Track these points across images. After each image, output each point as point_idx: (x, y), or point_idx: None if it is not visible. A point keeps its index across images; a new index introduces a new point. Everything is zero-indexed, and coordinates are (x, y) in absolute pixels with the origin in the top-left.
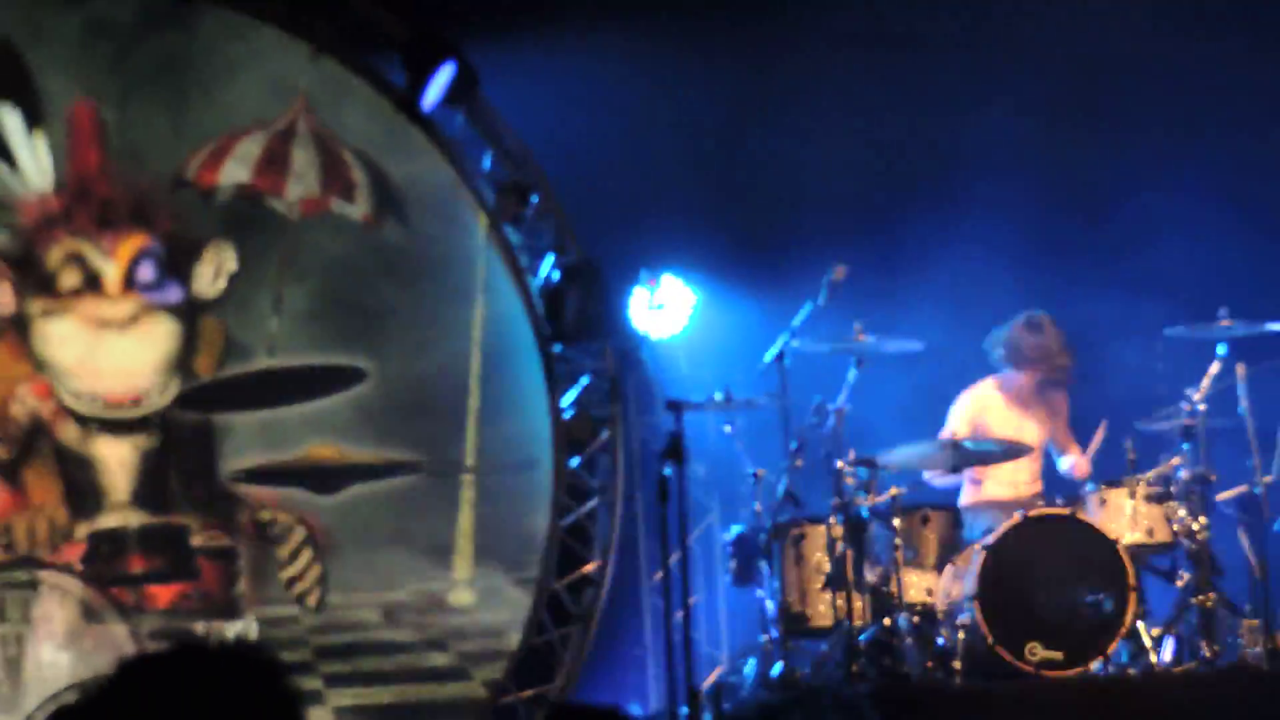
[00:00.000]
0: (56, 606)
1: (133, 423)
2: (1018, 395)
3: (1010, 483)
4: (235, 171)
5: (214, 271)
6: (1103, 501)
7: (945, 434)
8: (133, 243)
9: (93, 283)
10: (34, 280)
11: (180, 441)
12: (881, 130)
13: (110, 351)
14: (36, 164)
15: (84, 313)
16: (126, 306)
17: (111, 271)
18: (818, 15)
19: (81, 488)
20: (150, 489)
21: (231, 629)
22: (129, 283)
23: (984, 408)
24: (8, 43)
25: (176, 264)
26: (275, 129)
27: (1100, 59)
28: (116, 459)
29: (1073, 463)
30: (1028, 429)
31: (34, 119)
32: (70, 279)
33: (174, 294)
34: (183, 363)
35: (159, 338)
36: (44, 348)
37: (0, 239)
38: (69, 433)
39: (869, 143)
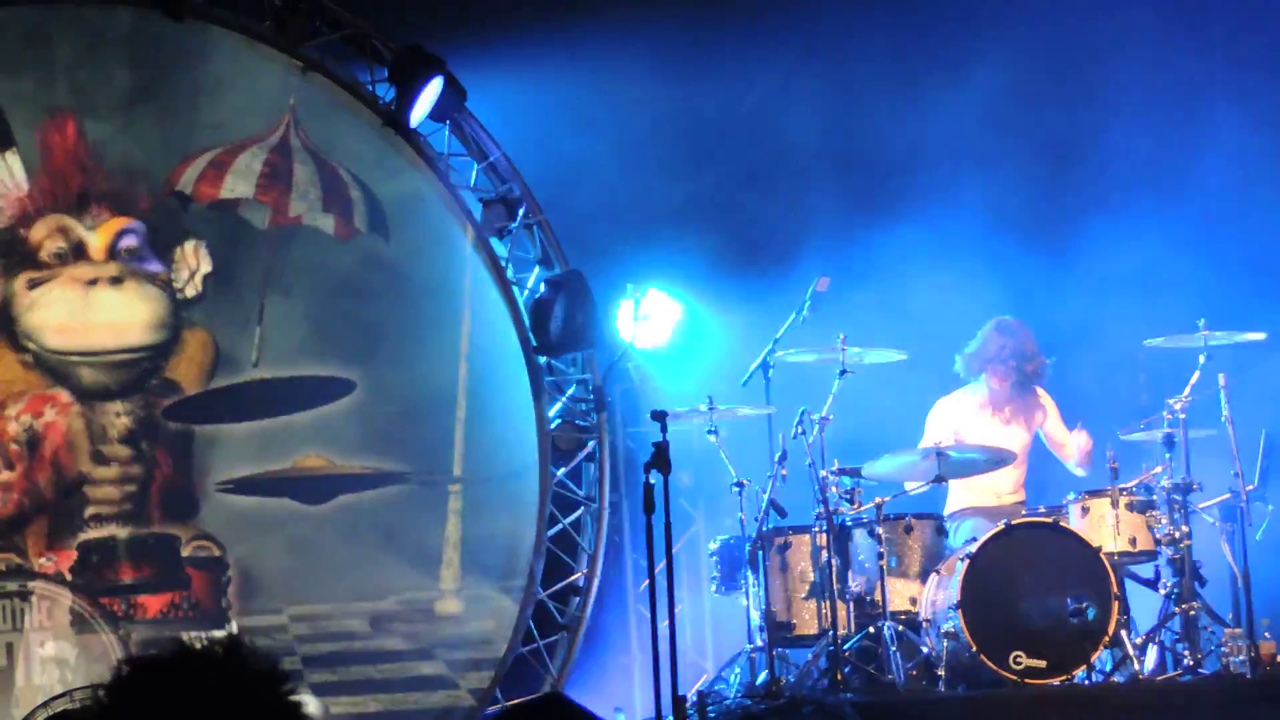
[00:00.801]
0: (47, 616)
1: (121, 382)
2: (994, 402)
3: (993, 491)
4: (238, 187)
5: (190, 269)
6: (1085, 510)
7: (924, 444)
8: (116, 221)
9: (77, 250)
10: (17, 258)
11: (169, 452)
12: (863, 142)
13: (100, 305)
14: (12, 178)
15: (71, 275)
16: (112, 268)
17: (95, 240)
18: (797, 27)
19: (72, 501)
20: (139, 500)
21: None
22: (112, 252)
23: (960, 415)
24: None
25: (155, 245)
26: (268, 143)
27: (1082, 62)
28: (103, 475)
29: (1077, 445)
30: (1009, 435)
31: (3, 142)
32: (54, 246)
33: (155, 265)
34: (173, 331)
35: (146, 298)
36: (30, 314)
37: None
38: (56, 446)
39: (851, 154)
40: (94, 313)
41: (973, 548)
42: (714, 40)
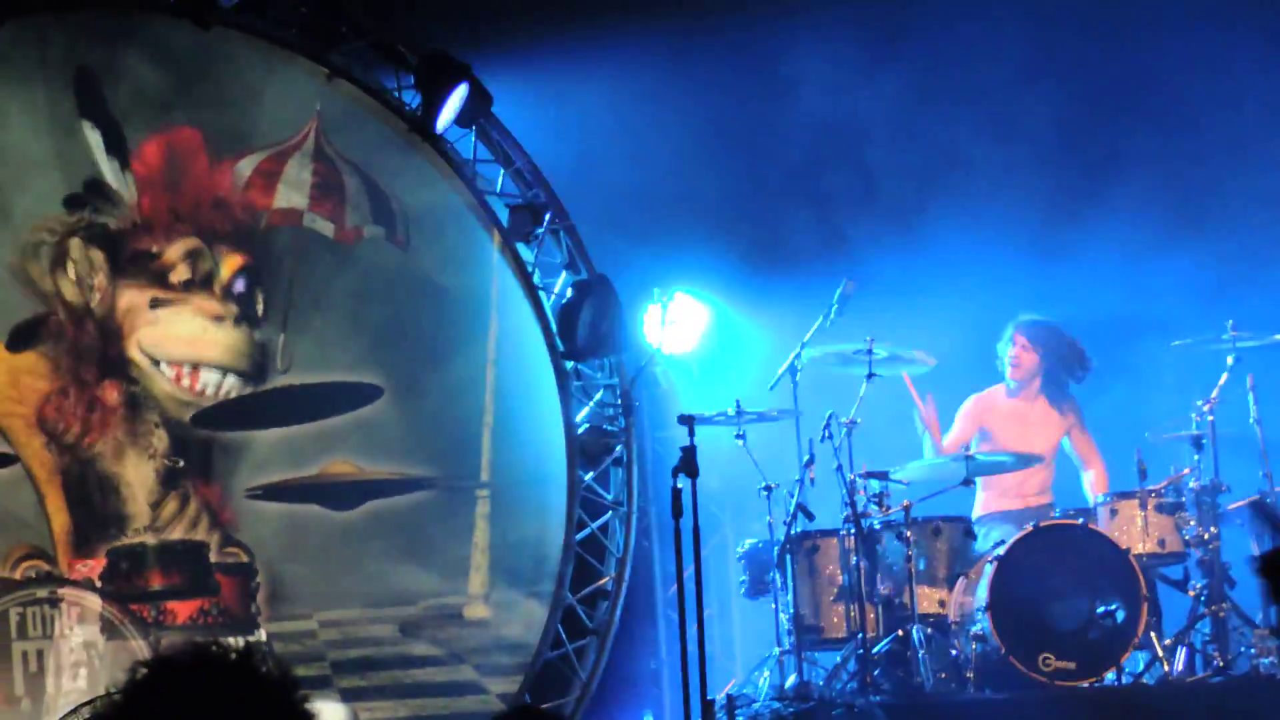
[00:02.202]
0: (77, 622)
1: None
2: (1023, 401)
3: (1020, 494)
4: (291, 196)
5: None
6: (1114, 512)
7: (951, 435)
8: (235, 260)
9: (204, 284)
10: (142, 272)
11: (198, 459)
12: (891, 145)
13: (223, 336)
14: (122, 179)
15: (198, 305)
16: (233, 308)
17: (222, 274)
18: (826, 30)
19: (103, 507)
20: (169, 507)
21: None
22: (227, 293)
23: (988, 411)
24: (88, 70)
25: (259, 285)
26: (299, 150)
27: (1113, 65)
28: (140, 482)
29: (1092, 481)
30: (1034, 436)
31: (113, 145)
32: (184, 274)
33: (252, 310)
34: (260, 369)
35: (240, 343)
36: (151, 330)
37: (103, 230)
38: (103, 447)
39: (879, 157)
40: (219, 336)
41: (1001, 550)
42: (741, 43)
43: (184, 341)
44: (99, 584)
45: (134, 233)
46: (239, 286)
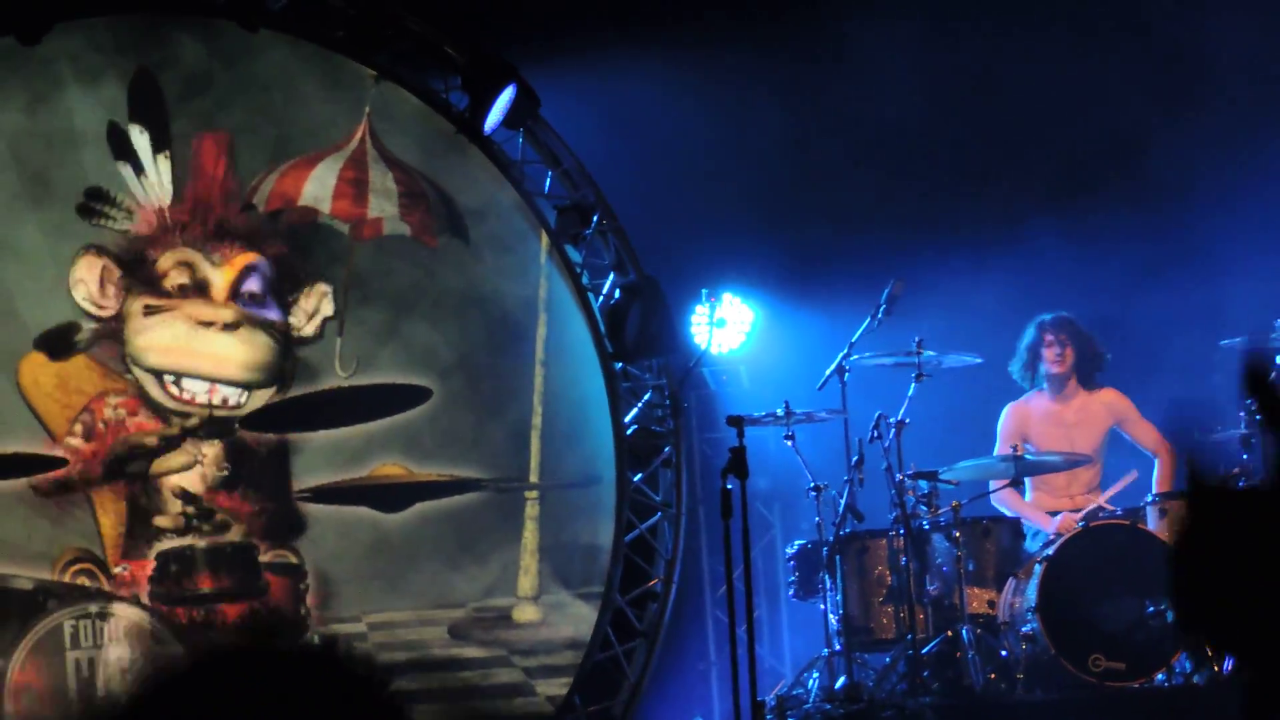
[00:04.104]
0: (127, 628)
1: (210, 426)
2: (1059, 401)
3: (1067, 493)
4: (315, 193)
5: (311, 311)
6: (1163, 512)
7: (998, 452)
8: (243, 258)
9: (200, 288)
10: (141, 279)
11: (249, 460)
12: (939, 142)
13: (205, 344)
14: (159, 181)
15: (187, 311)
16: (229, 313)
17: (219, 280)
18: (874, 30)
19: (148, 510)
20: (218, 509)
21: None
22: (234, 294)
23: (1026, 418)
24: (147, 71)
25: (280, 289)
26: (345, 152)
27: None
28: (186, 481)
29: (1158, 471)
30: (1076, 436)
31: (161, 144)
32: (177, 280)
33: (274, 313)
34: (275, 377)
35: (256, 344)
36: (138, 338)
37: (116, 240)
38: (147, 452)
39: (926, 157)
40: (198, 349)
41: (1051, 550)
42: (790, 43)
43: (163, 349)
44: (149, 587)
45: (144, 240)
46: (250, 287)
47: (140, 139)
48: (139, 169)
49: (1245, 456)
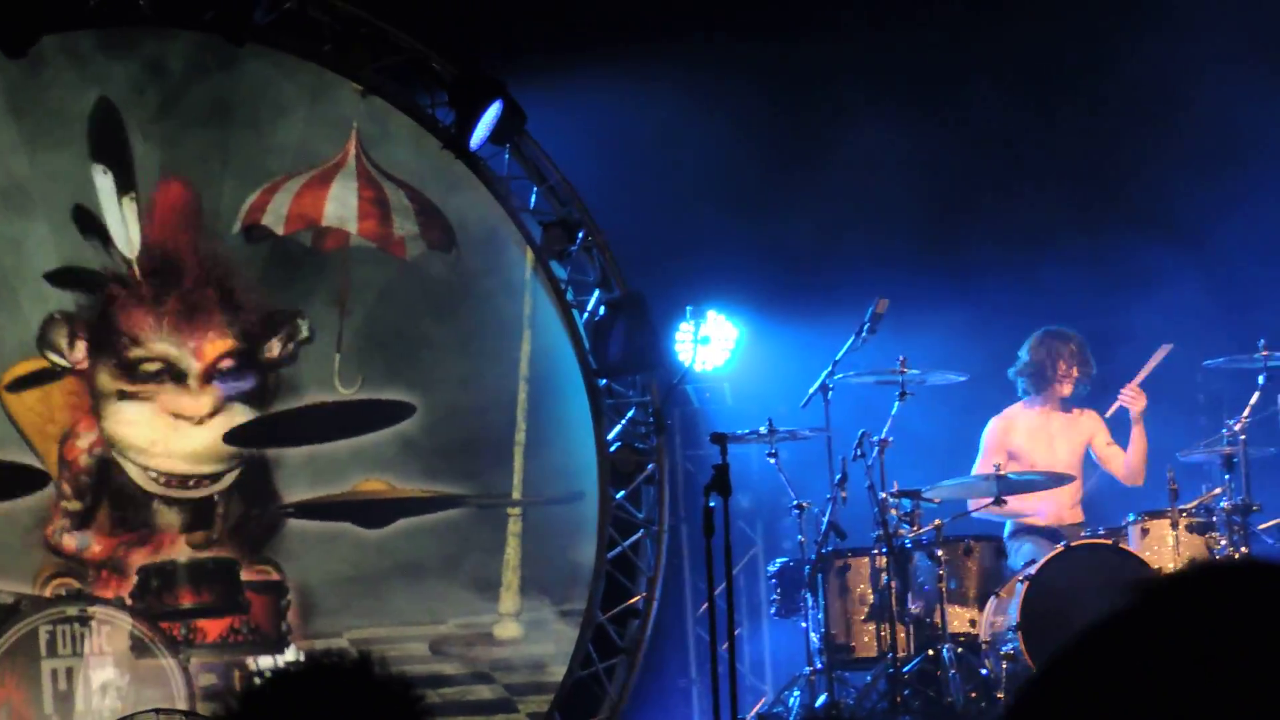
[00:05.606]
0: (107, 640)
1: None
2: (1043, 414)
3: (1052, 510)
4: (338, 213)
5: (285, 340)
6: (1144, 531)
7: (979, 465)
8: (218, 346)
9: (176, 376)
10: (114, 360)
11: (229, 477)
12: (923, 162)
13: (184, 440)
14: (125, 230)
15: (163, 403)
16: (206, 401)
17: (195, 367)
18: (858, 46)
19: (133, 524)
20: (201, 526)
21: (282, 661)
22: (209, 375)
23: (1009, 429)
24: (109, 104)
25: (254, 357)
26: (348, 170)
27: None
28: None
29: (1123, 461)
30: (1059, 449)
31: (125, 185)
32: (153, 367)
33: (249, 383)
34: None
35: (233, 422)
36: (115, 424)
37: (82, 307)
38: (127, 473)
39: (910, 175)
40: (176, 445)
41: (1032, 569)
42: (775, 60)
43: (141, 448)
44: (129, 602)
45: (114, 310)
46: (226, 364)
47: (104, 181)
48: (106, 240)
49: (1227, 477)
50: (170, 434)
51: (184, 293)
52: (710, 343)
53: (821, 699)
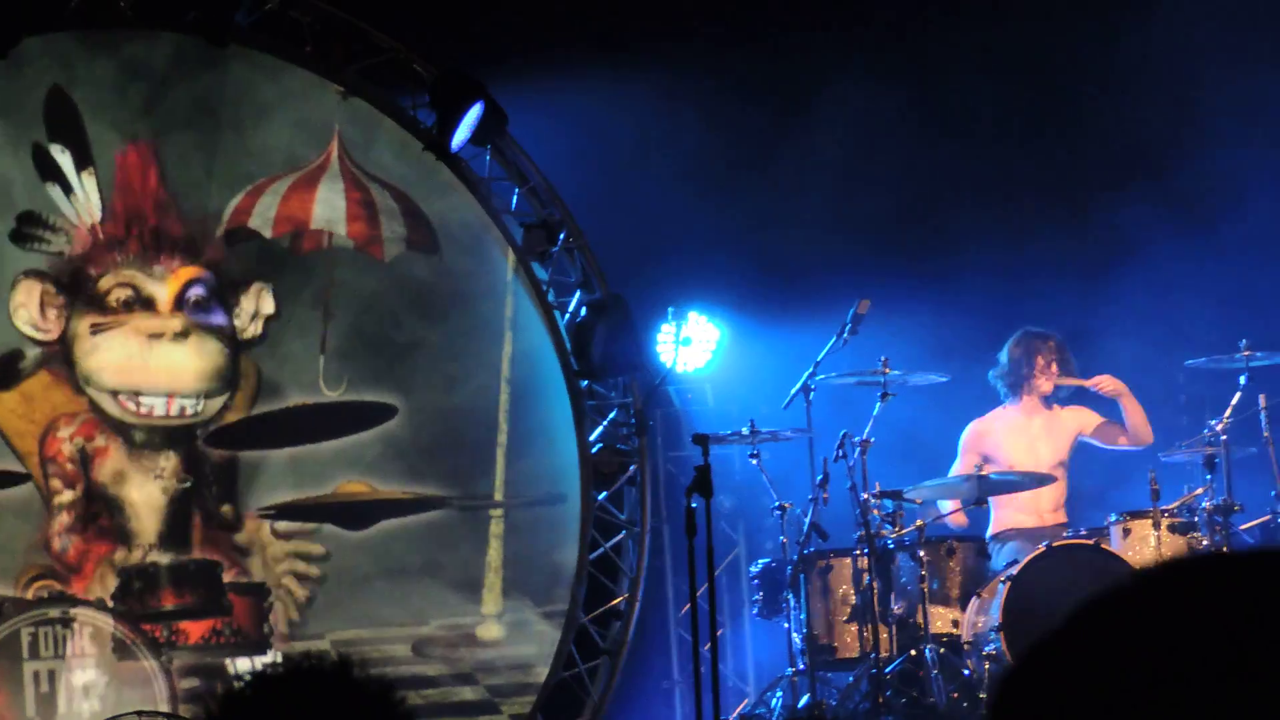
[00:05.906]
0: (89, 642)
1: (169, 434)
2: (1025, 415)
3: (1034, 511)
4: (326, 215)
5: (253, 311)
6: (1126, 531)
7: (956, 468)
8: (187, 271)
9: (145, 303)
10: (83, 299)
11: (210, 478)
12: (903, 162)
13: (159, 358)
14: (86, 198)
15: (135, 326)
16: (176, 323)
17: (163, 293)
18: (836, 47)
19: (113, 526)
20: (179, 527)
21: (261, 664)
22: (179, 304)
23: (985, 433)
24: (60, 89)
25: (223, 294)
26: (309, 169)
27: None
28: (146, 502)
29: (1124, 429)
30: (1041, 450)
31: (83, 161)
32: (122, 295)
33: (219, 318)
34: (227, 383)
35: (207, 352)
36: (89, 359)
37: (53, 262)
38: (104, 472)
39: (891, 175)
40: (152, 363)
41: (1014, 570)
42: (755, 61)
43: (117, 369)
44: (111, 603)
45: (80, 259)
46: (194, 294)
47: (62, 158)
48: (67, 189)
49: (1209, 477)
50: (145, 350)
51: (148, 228)
52: (692, 344)
53: (804, 700)
